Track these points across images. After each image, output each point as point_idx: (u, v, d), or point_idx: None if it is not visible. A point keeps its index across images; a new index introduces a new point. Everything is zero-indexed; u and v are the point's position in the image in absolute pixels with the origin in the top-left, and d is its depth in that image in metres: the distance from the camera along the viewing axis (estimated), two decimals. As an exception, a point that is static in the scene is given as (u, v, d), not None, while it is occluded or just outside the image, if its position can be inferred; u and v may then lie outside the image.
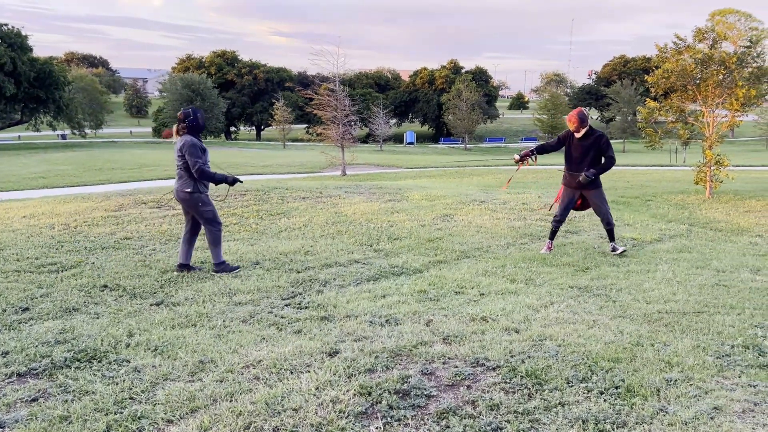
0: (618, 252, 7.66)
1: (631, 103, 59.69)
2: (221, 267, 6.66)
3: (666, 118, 15.33)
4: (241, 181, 7.06)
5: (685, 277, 6.66)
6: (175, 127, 6.69)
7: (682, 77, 14.14)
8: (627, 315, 5.29)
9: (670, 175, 22.20)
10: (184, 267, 6.69)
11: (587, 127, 7.40)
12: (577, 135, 7.37)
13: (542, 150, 7.79)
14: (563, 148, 7.65)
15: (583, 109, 7.61)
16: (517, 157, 7.74)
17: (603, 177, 7.85)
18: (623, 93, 61.74)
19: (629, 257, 7.68)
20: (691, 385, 3.85)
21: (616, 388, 3.77)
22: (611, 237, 7.83)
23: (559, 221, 7.83)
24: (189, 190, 6.53)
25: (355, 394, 3.67)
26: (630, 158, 41.40)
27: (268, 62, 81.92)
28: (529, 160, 7.71)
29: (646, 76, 15.55)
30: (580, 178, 7.37)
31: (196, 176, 6.47)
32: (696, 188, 15.27)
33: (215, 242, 6.68)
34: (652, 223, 10.29)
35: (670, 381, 3.88)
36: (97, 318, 5.13)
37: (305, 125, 70.75)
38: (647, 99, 15.50)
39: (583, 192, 7.65)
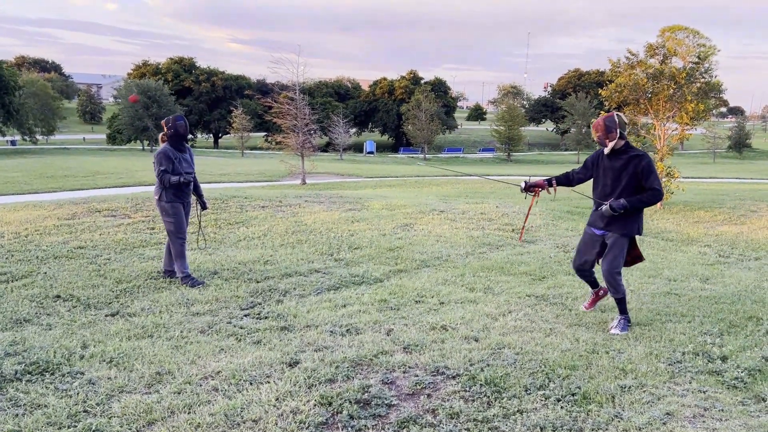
0: (615, 330, 5.18)
1: (586, 116, 61.06)
2: (186, 280, 6.51)
3: (619, 131, 15.71)
4: (185, 180, 6.56)
5: (637, 285, 6.83)
6: (160, 135, 6.66)
7: (635, 91, 14.57)
8: (583, 323, 5.40)
9: (623, 186, 22.74)
10: (168, 273, 6.72)
11: (618, 139, 5.07)
12: (606, 151, 5.18)
13: (566, 180, 5.60)
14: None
15: (618, 114, 5.15)
16: (523, 185, 5.61)
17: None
18: (578, 105, 63.11)
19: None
20: (644, 391, 3.95)
21: (573, 395, 3.85)
22: (619, 308, 5.34)
23: (580, 271, 5.59)
24: (156, 197, 6.60)
25: (315, 405, 3.66)
26: (585, 169, 42.23)
27: (227, 69, 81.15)
28: (547, 190, 5.62)
29: (600, 90, 15.97)
30: (602, 209, 5.15)
31: (160, 183, 6.47)
32: (648, 199, 15.69)
33: (177, 254, 6.59)
34: (607, 233, 10.52)
35: (625, 388, 3.98)
36: (50, 329, 4.99)
37: (264, 133, 70.19)
38: (601, 112, 15.89)
39: (605, 238, 5.30)
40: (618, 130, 5.04)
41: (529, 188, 5.57)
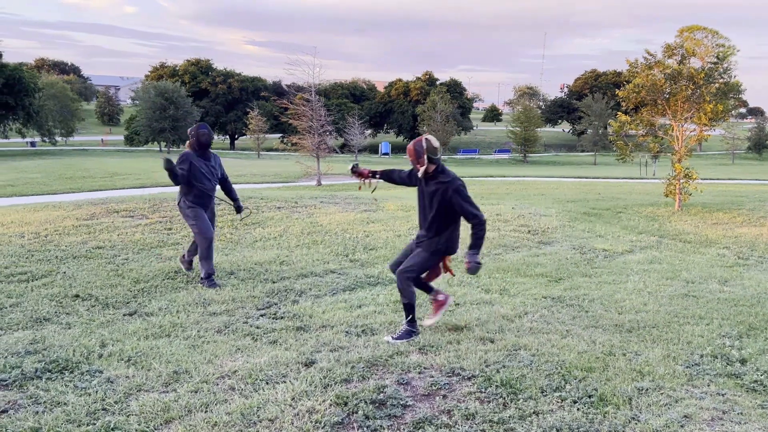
0: (388, 338, 4.91)
1: (603, 117, 60.72)
2: (205, 281, 6.51)
3: (637, 132, 15.63)
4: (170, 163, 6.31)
5: (655, 287, 6.78)
6: (187, 143, 6.82)
7: (653, 92, 14.44)
8: (599, 325, 5.37)
9: (641, 188, 22.59)
10: (186, 261, 7.00)
11: (429, 164, 4.89)
12: (419, 174, 4.97)
13: (388, 177, 5.52)
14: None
15: (427, 138, 4.92)
16: (351, 166, 5.59)
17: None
18: (594, 106, 62.76)
19: (601, 268, 7.79)
20: (662, 393, 3.92)
21: (589, 397, 3.83)
22: (405, 313, 5.03)
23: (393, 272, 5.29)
24: (177, 201, 6.76)
25: (331, 405, 3.67)
26: (601, 171, 42.06)
27: (243, 71, 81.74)
28: (371, 181, 5.61)
29: (617, 90, 15.85)
30: (466, 269, 4.91)
31: (175, 183, 6.51)
32: (666, 201, 15.56)
33: (201, 256, 6.57)
34: (623, 235, 10.46)
35: (642, 390, 3.95)
36: (69, 328, 5.05)
37: (280, 135, 70.53)
38: (618, 113, 15.79)
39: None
40: (426, 156, 4.84)
41: (355, 172, 5.50)
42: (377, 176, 5.53)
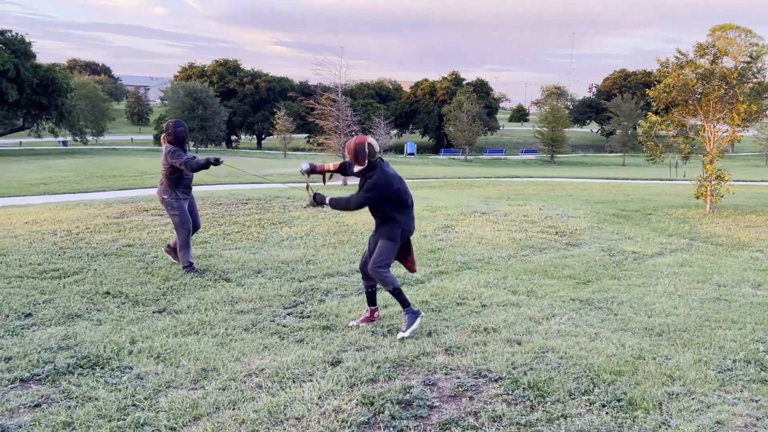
0: (403, 334, 5.02)
1: (632, 117, 59.86)
2: (188, 269, 6.99)
3: (667, 132, 15.39)
4: (222, 161, 6.82)
5: (686, 291, 6.67)
6: (163, 136, 7.09)
7: (684, 92, 14.20)
8: (629, 328, 5.30)
9: (671, 189, 22.24)
10: (172, 250, 7.30)
11: (363, 165, 5.08)
12: (354, 170, 5.21)
13: (343, 170, 5.54)
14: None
15: (370, 143, 5.07)
16: (306, 166, 5.56)
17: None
18: (624, 107, 61.92)
19: (630, 271, 7.69)
20: (693, 399, 3.85)
21: (619, 401, 3.78)
22: (399, 301, 5.22)
23: (362, 270, 5.51)
24: (165, 196, 6.99)
25: (357, 404, 3.67)
26: (630, 172, 41.51)
27: (270, 72, 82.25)
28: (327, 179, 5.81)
29: (647, 90, 15.61)
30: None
31: (188, 170, 6.80)
32: (697, 202, 15.30)
33: (181, 245, 7.04)
34: (653, 237, 10.31)
35: (672, 395, 3.89)
36: (100, 325, 5.14)
37: (306, 135, 70.89)
38: (648, 113, 15.56)
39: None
40: (367, 160, 5.06)
41: (313, 172, 5.57)
42: (332, 172, 5.67)
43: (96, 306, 5.67)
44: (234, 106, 73.11)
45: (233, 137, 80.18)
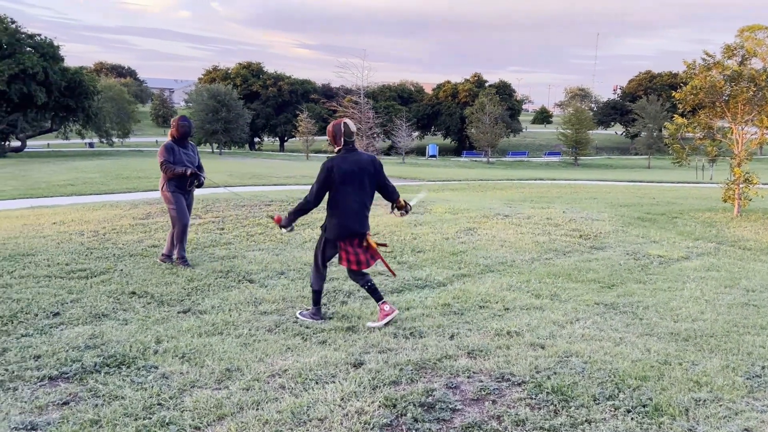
0: (299, 312, 5.52)
1: (657, 119, 59.13)
2: (181, 261, 7.34)
3: (694, 135, 15.18)
4: (200, 175, 7.32)
5: (713, 295, 6.57)
6: (169, 132, 7.53)
7: (711, 94, 14.00)
8: (654, 333, 5.24)
9: (697, 192, 21.93)
10: (167, 257, 7.46)
11: (340, 145, 5.32)
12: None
13: (303, 212, 5.64)
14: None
15: (346, 122, 5.35)
16: (278, 216, 5.74)
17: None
18: (649, 108, 61.20)
19: (655, 275, 7.60)
20: (720, 405, 3.79)
21: (644, 406, 3.73)
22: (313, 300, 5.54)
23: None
24: (161, 187, 7.38)
25: (380, 406, 3.68)
26: (656, 175, 41.01)
27: (293, 74, 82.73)
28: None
29: (673, 92, 15.42)
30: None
31: (163, 172, 7.22)
32: (724, 206, 15.06)
33: (177, 238, 7.34)
34: (679, 241, 10.17)
35: (699, 401, 3.83)
36: (126, 324, 5.21)
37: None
38: (674, 115, 15.37)
39: None
40: (342, 138, 5.28)
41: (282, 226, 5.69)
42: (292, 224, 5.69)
43: (122, 306, 5.75)
44: (257, 108, 73.72)
45: (256, 139, 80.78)
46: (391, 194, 5.56)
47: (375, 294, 5.40)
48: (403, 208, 5.70)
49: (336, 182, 5.19)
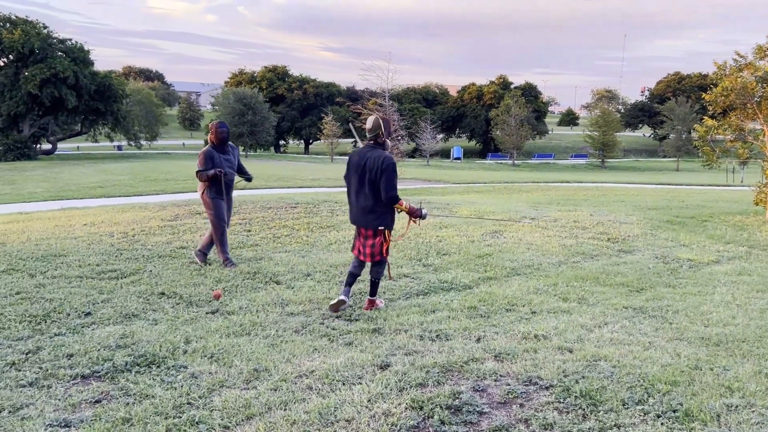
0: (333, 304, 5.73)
1: (686, 121, 58.31)
2: (226, 263, 7.45)
3: (724, 137, 14.94)
4: (223, 173, 7.36)
5: (744, 300, 6.46)
6: (207, 137, 7.87)
7: (742, 95, 13.75)
8: (684, 338, 5.16)
9: (728, 195, 21.56)
10: (201, 254, 7.62)
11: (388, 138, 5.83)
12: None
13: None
14: None
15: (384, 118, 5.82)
16: (406, 205, 5.94)
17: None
18: (678, 110, 60.37)
19: (685, 279, 7.49)
20: (753, 411, 3.73)
21: (674, 411, 3.68)
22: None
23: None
24: (200, 192, 7.54)
25: (406, 408, 3.68)
26: (685, 177, 40.42)
27: (318, 77, 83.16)
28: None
29: (703, 94, 15.18)
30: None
31: (198, 179, 7.40)
32: (756, 209, 14.78)
33: (218, 241, 7.52)
34: (709, 245, 10.01)
35: (731, 407, 3.77)
36: (156, 324, 5.28)
37: (353, 139, 71.43)
38: (704, 117, 15.13)
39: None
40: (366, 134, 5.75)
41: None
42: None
43: (152, 306, 5.83)
44: (282, 111, 74.21)
45: (281, 142, 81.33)
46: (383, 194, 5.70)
47: (373, 288, 5.93)
48: (412, 214, 5.96)
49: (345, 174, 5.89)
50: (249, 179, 7.82)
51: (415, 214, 5.94)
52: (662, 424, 3.54)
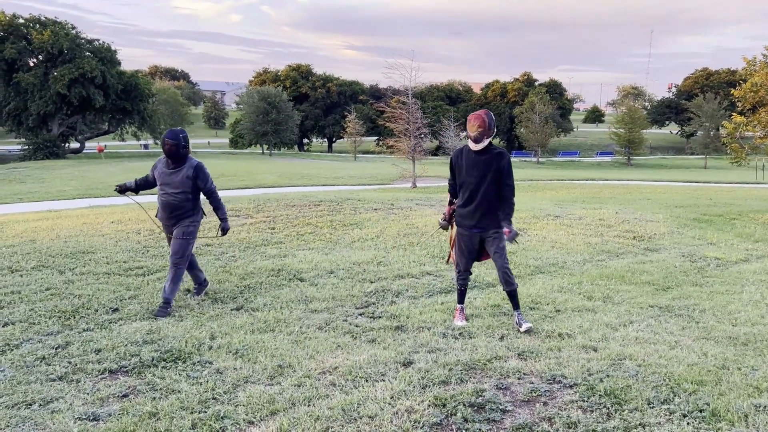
0: (523, 329, 5.13)
1: (715, 118, 57.28)
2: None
3: (753, 134, 14.68)
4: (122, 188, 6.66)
5: (774, 299, 6.34)
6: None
7: (772, 91, 13.50)
8: (711, 337, 5.09)
9: (757, 193, 21.16)
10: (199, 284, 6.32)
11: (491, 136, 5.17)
12: (475, 147, 5.16)
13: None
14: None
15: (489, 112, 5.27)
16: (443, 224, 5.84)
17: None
18: (706, 107, 59.33)
19: (713, 278, 7.38)
20: (782, 412, 3.66)
21: (701, 411, 3.64)
22: (514, 303, 5.34)
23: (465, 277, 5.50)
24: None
25: (429, 405, 3.69)
26: (712, 175, 39.76)
27: (341, 75, 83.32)
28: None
29: (731, 90, 14.95)
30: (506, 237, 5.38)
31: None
32: (785, 207, 14.51)
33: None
34: (738, 243, 9.85)
35: (759, 407, 3.71)
36: (181, 321, 5.35)
37: (376, 137, 71.43)
38: (733, 113, 14.89)
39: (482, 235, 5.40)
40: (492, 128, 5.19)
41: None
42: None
43: (177, 302, 5.91)
44: (306, 110, 74.50)
45: (305, 140, 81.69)
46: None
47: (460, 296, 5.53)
48: (445, 220, 5.79)
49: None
50: (223, 227, 6.24)
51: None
52: (688, 423, 3.50)
